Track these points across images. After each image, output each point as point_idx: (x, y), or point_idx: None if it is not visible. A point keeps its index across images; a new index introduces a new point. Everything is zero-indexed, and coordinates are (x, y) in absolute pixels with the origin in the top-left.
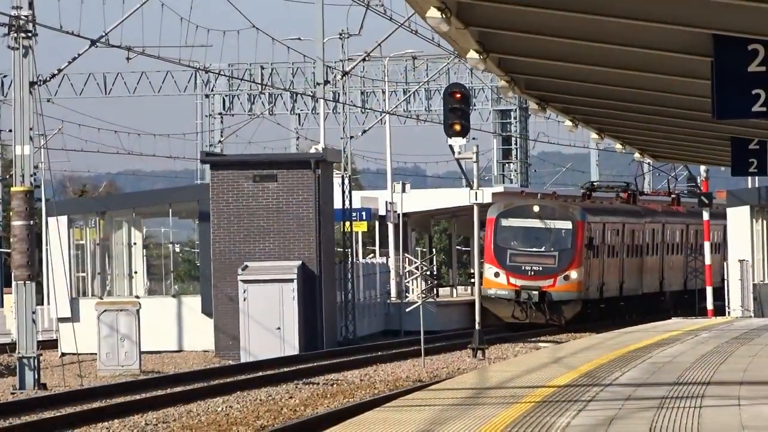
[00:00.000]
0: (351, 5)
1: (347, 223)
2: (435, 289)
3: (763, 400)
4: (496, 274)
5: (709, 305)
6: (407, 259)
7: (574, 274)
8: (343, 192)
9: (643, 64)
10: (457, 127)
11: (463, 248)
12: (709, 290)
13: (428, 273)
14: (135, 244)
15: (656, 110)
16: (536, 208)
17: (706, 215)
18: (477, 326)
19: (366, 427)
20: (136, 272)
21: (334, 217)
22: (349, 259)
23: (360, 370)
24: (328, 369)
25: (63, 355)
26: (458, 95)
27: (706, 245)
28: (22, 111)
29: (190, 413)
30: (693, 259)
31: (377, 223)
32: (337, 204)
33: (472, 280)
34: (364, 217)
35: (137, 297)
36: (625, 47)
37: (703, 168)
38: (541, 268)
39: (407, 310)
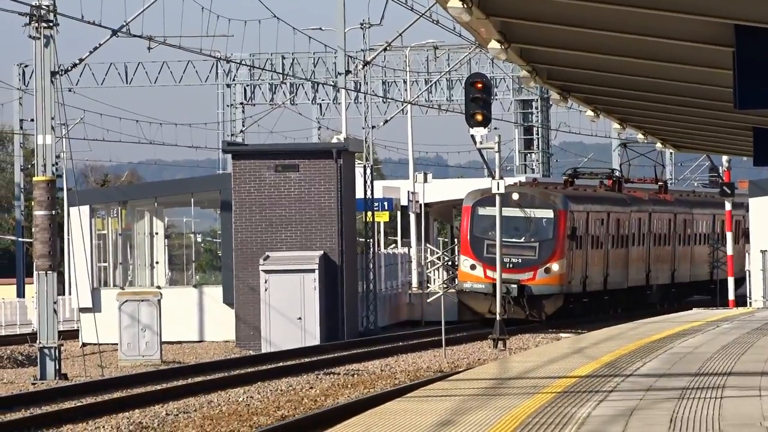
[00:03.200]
0: None
1: (369, 213)
2: (456, 280)
3: None
4: (473, 267)
5: (731, 295)
6: (429, 249)
7: (555, 267)
8: (365, 182)
9: (665, 54)
10: (479, 117)
11: None
12: (730, 280)
13: (450, 263)
14: (157, 234)
15: (678, 100)
16: (515, 196)
17: (728, 205)
18: (498, 316)
19: (387, 416)
20: (157, 262)
21: (356, 207)
22: (371, 249)
23: (381, 361)
24: (348, 359)
25: (84, 345)
26: (480, 85)
27: (729, 236)
28: (44, 101)
29: (211, 403)
30: (715, 250)
31: (399, 213)
32: (359, 194)
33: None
34: (385, 207)
35: (159, 287)
36: (646, 37)
37: (725, 158)
38: (520, 260)
39: (428, 300)
